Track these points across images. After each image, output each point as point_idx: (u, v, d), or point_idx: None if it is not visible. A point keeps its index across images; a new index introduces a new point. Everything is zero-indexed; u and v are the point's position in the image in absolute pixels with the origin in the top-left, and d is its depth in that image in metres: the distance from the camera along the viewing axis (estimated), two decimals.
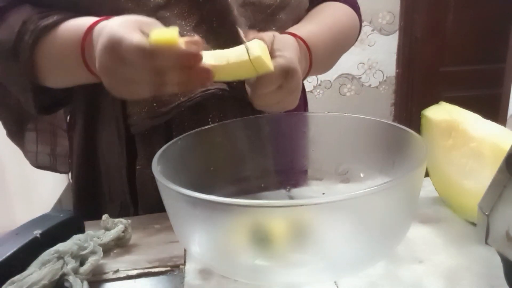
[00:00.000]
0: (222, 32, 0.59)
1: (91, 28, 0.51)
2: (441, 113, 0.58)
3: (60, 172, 0.79)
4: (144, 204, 0.63)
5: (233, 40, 0.56)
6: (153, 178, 0.40)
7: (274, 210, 0.36)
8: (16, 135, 0.74)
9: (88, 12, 0.55)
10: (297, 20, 0.68)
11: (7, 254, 0.42)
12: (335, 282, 0.43)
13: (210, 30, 0.59)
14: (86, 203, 0.68)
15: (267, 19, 0.62)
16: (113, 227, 0.52)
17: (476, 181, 0.51)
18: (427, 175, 0.49)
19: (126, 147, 0.62)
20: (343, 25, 0.71)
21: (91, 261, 0.45)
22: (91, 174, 0.66)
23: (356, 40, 0.78)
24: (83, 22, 0.53)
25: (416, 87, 2.70)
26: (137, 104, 0.59)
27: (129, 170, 0.63)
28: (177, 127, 0.61)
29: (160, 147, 0.46)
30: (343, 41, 0.73)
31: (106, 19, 0.51)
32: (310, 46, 0.60)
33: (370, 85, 2.74)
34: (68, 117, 0.74)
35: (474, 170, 0.52)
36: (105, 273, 0.47)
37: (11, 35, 0.55)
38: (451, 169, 0.54)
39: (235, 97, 0.62)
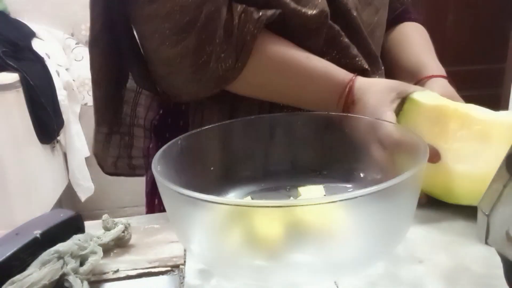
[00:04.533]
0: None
1: (352, 88, 0.59)
2: (429, 98, 0.56)
3: (138, 176, 0.79)
4: None
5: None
6: None
7: (274, 210, 0.36)
8: (105, 139, 0.73)
9: None
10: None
11: (7, 254, 0.42)
12: (335, 282, 0.43)
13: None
14: None
15: (369, 36, 0.67)
16: (113, 227, 0.52)
17: (475, 164, 0.51)
18: None
19: None
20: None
21: (91, 261, 0.45)
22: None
23: None
24: (336, 72, 0.61)
25: None
26: None
27: None
28: None
29: None
30: None
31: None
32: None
33: None
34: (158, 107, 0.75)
35: (474, 153, 0.51)
36: (105, 273, 0.47)
37: (232, 26, 0.58)
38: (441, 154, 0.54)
39: None
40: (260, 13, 0.57)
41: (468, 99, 0.61)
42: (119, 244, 0.52)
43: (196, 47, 0.58)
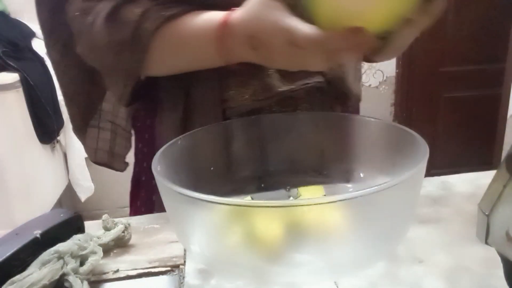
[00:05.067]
0: None
1: (227, 20, 0.53)
2: None
3: (116, 170, 0.81)
4: None
5: None
6: None
7: (274, 210, 0.36)
8: (81, 130, 0.78)
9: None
10: None
11: (7, 254, 0.42)
12: (335, 282, 0.43)
13: None
14: None
15: None
16: (113, 227, 0.52)
17: None
18: (427, 175, 0.49)
19: None
20: None
21: (91, 261, 0.45)
22: None
23: None
24: (215, 14, 0.55)
25: (416, 87, 2.70)
26: (244, 88, 0.61)
27: None
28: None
29: None
30: None
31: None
32: None
33: (370, 85, 2.74)
34: (133, 109, 0.76)
35: None
36: (105, 273, 0.47)
37: (128, 24, 0.56)
38: None
39: (324, 91, 0.65)
40: (164, 12, 0.57)
41: (468, 99, 0.61)
42: (119, 244, 0.52)
43: (90, 45, 0.60)
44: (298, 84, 0.62)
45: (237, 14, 0.52)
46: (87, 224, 0.53)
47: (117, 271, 0.47)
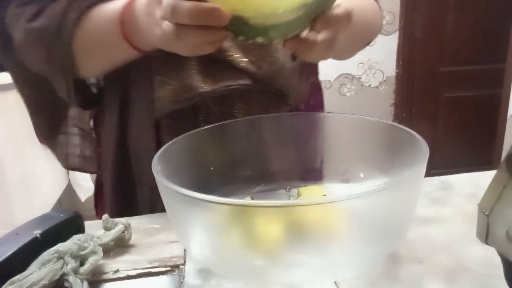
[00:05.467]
0: None
1: (128, 4, 0.53)
2: None
3: (90, 173, 0.81)
4: None
5: None
6: None
7: (274, 210, 0.36)
8: (49, 139, 0.76)
9: None
10: None
11: (7, 254, 0.42)
12: (335, 282, 0.43)
13: None
14: (119, 191, 0.69)
15: None
16: (113, 227, 0.52)
17: None
18: (427, 175, 0.49)
19: (157, 134, 0.64)
20: (366, 10, 0.69)
21: (91, 261, 0.45)
22: (123, 162, 0.68)
23: (379, 31, 0.75)
24: (119, 2, 0.56)
25: (416, 87, 2.70)
26: (164, 89, 0.61)
27: None
28: (204, 118, 0.62)
29: None
30: (368, 26, 0.71)
31: None
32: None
33: (370, 85, 2.74)
34: (94, 113, 0.76)
35: None
36: (105, 273, 0.47)
37: (55, 17, 0.57)
38: None
39: (261, 90, 0.63)
40: (84, 3, 0.57)
41: (468, 99, 0.61)
42: (119, 244, 0.52)
43: (23, 47, 0.61)
44: (220, 85, 0.61)
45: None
46: (87, 224, 0.53)
47: (117, 271, 0.47)
